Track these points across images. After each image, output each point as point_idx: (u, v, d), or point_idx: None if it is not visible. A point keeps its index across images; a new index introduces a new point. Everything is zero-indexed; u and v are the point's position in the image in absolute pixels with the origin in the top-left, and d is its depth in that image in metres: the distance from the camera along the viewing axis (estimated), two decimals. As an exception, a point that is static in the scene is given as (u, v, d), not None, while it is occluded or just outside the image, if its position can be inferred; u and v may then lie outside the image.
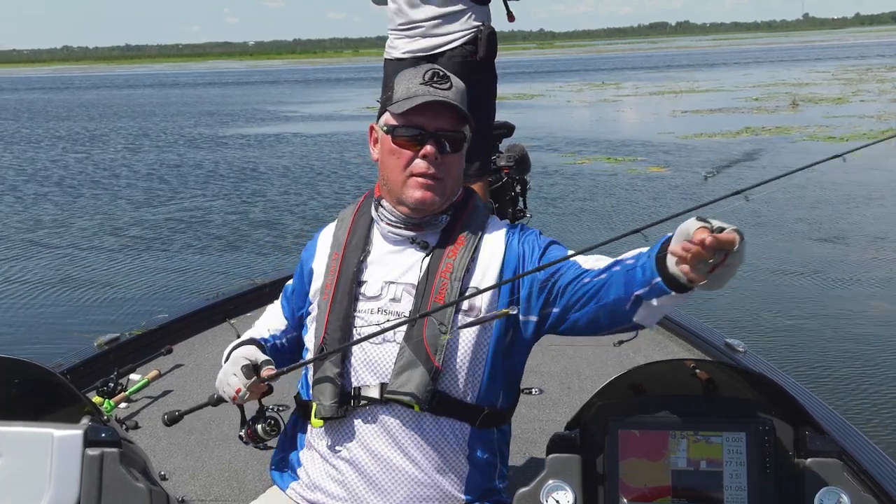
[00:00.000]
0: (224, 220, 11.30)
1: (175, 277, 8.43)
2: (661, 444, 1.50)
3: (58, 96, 47.64)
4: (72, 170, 16.48)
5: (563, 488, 1.49)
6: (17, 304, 7.67)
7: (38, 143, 22.05)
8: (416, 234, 1.85)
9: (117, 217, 11.70)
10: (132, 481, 1.46)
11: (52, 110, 35.81)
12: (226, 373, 1.81)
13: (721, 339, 3.78)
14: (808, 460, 1.48)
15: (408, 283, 1.82)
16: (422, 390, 1.73)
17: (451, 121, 1.81)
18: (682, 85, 35.92)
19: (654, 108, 26.30)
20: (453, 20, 3.71)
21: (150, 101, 40.65)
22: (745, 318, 6.46)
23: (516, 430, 2.87)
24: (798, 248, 8.68)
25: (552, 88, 37.50)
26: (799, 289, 7.25)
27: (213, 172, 15.73)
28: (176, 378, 3.78)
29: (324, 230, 2.01)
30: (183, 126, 25.86)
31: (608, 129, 20.84)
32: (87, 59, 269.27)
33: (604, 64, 65.05)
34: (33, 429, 1.47)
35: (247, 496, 2.69)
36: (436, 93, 1.79)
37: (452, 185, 1.85)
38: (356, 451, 1.78)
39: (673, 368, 1.58)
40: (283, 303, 2.06)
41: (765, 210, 10.18)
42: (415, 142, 1.80)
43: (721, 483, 1.49)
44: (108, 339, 3.87)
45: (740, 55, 70.00)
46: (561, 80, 44.61)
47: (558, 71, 55.12)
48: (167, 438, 3.19)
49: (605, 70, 53.73)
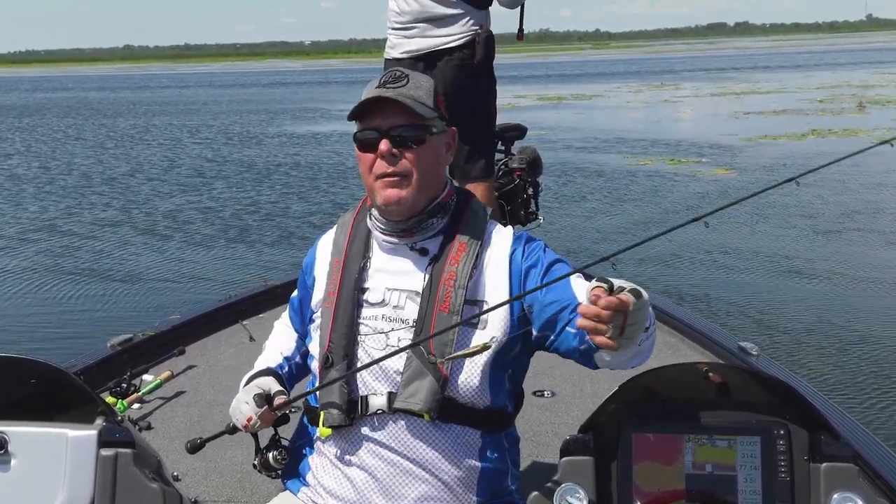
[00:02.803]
0: (263, 215, 11.48)
1: (189, 276, 8.47)
2: (675, 447, 1.50)
3: (113, 95, 47.91)
4: (82, 169, 16.54)
5: (577, 492, 1.48)
6: (31, 305, 7.72)
7: (64, 140, 22.28)
8: (410, 240, 1.83)
9: (133, 217, 11.73)
10: (146, 482, 1.47)
11: (104, 107, 36.23)
12: (238, 401, 1.82)
13: (734, 343, 3.75)
14: (823, 465, 1.47)
15: (410, 289, 1.81)
16: (431, 400, 1.72)
17: (405, 116, 1.77)
18: (743, 86, 35.13)
19: (715, 109, 25.81)
20: (451, 23, 3.74)
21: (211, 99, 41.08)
22: (759, 322, 6.42)
23: (528, 433, 2.86)
24: (814, 249, 8.63)
25: (610, 89, 37.11)
26: (812, 292, 7.21)
27: (250, 169, 15.81)
28: (189, 379, 3.79)
29: (323, 237, 2.00)
30: (227, 124, 26.09)
31: (669, 130, 20.46)
32: (147, 58, 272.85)
33: (661, 65, 64.17)
34: (48, 429, 1.48)
35: (259, 498, 2.70)
36: (384, 91, 1.76)
37: (423, 179, 1.80)
38: (365, 459, 1.78)
39: (686, 372, 1.57)
40: (292, 315, 2.06)
41: (778, 209, 10.15)
42: (372, 144, 1.78)
43: (735, 487, 1.48)
44: (122, 340, 3.87)
45: (802, 56, 68.27)
46: (618, 80, 44.06)
47: (615, 73, 54.22)
48: (180, 439, 3.20)
49: (664, 71, 52.83)
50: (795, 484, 1.48)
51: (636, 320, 1.45)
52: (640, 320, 1.46)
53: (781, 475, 1.48)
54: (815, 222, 9.81)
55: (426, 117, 1.79)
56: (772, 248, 8.71)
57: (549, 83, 44.31)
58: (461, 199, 1.90)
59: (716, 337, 3.92)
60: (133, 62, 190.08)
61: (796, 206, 10.36)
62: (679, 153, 16.11)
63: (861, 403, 4.95)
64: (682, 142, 17.87)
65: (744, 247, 8.77)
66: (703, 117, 23.96)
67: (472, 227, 1.85)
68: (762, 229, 9.47)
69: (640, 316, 1.46)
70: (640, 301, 1.45)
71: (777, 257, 8.34)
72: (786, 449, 1.48)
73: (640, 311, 1.45)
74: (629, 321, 1.44)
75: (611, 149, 17.13)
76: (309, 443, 1.89)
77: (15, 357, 1.55)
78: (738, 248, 8.75)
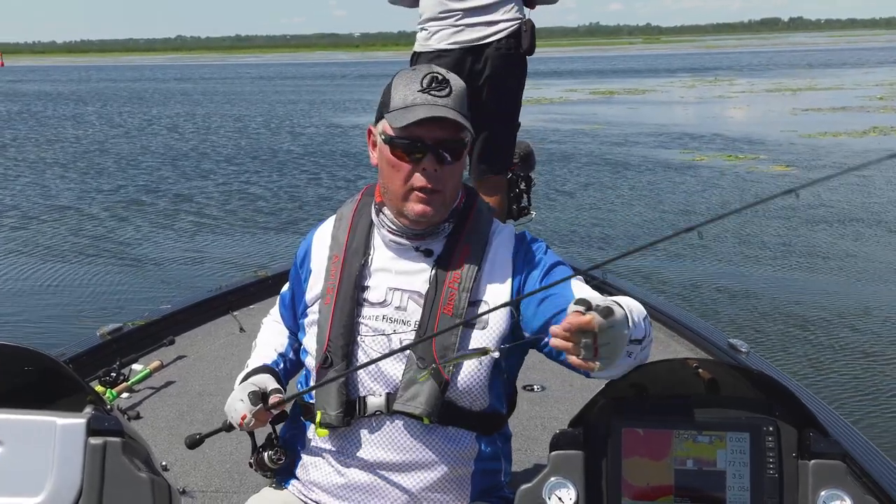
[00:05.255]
0: (271, 202, 11.57)
1: (180, 266, 8.44)
2: (664, 443, 1.50)
3: (164, 86, 47.65)
4: (88, 156, 16.50)
5: (566, 485, 1.49)
6: (20, 294, 7.68)
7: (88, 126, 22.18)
8: (419, 242, 1.80)
9: (128, 206, 11.67)
10: (134, 471, 1.46)
11: (148, 96, 36.35)
12: (233, 398, 1.79)
13: (724, 340, 3.77)
14: (812, 462, 1.47)
15: (413, 290, 1.79)
16: (431, 403, 1.71)
17: (450, 130, 1.72)
18: (799, 82, 34.39)
19: (771, 105, 25.22)
20: (497, 9, 3.63)
21: (256, 89, 41.06)
22: (748, 319, 6.44)
23: (518, 427, 2.86)
24: (806, 247, 8.66)
25: (663, 84, 36.60)
26: (802, 290, 7.24)
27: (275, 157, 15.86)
28: (178, 369, 3.79)
29: (318, 229, 1.95)
30: (260, 114, 26.07)
31: (724, 126, 19.94)
32: (199, 48, 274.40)
33: (713, 60, 63.12)
34: (36, 417, 1.47)
35: (248, 488, 2.70)
36: (434, 101, 1.70)
37: (452, 193, 1.79)
38: (360, 459, 1.77)
39: (676, 368, 1.58)
40: (283, 311, 2.02)
41: (772, 209, 10.16)
42: (414, 155, 1.72)
43: (724, 483, 1.49)
44: (111, 329, 3.87)
45: (859, 53, 66.68)
46: (670, 75, 43.48)
47: (667, 68, 53.17)
48: (169, 429, 3.19)
49: (716, 67, 51.81)
50: (784, 480, 1.49)
51: (608, 340, 1.39)
52: (615, 340, 1.40)
53: (770, 471, 1.48)
54: (808, 221, 9.83)
55: (467, 129, 1.74)
56: (763, 246, 8.74)
57: (602, 77, 43.80)
58: (468, 198, 1.87)
59: (706, 334, 3.94)
60: (185, 52, 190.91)
61: (790, 207, 10.36)
62: (735, 149, 15.79)
63: (850, 401, 4.97)
64: (738, 138, 17.46)
65: (735, 245, 8.80)
66: (759, 113, 23.32)
67: (477, 228, 1.83)
68: (754, 228, 9.49)
69: (613, 335, 1.39)
70: (611, 320, 1.39)
71: (768, 256, 8.37)
72: (774, 445, 1.49)
73: (611, 331, 1.39)
74: (600, 341, 1.38)
75: (666, 144, 16.85)
76: (301, 439, 1.88)
77: (3, 345, 1.54)
78: (729, 246, 8.77)
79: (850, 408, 4.82)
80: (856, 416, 4.59)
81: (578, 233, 9.53)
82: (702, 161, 14.66)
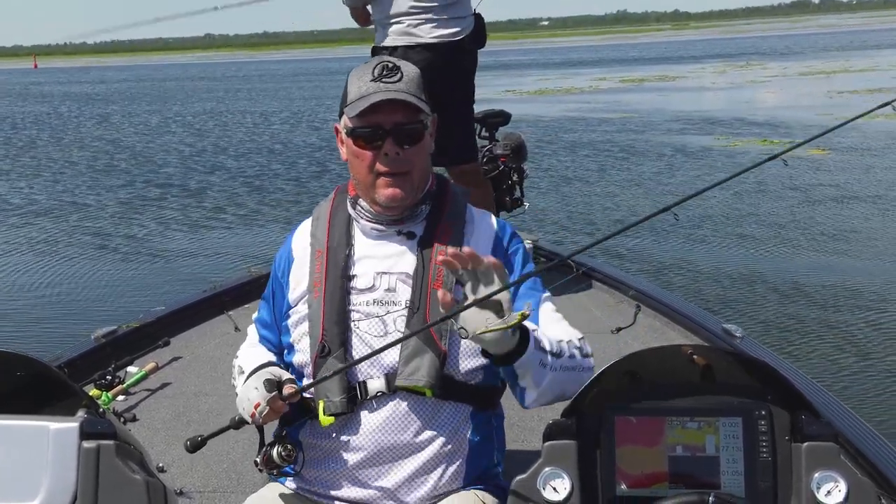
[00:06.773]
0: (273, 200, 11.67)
1: (175, 268, 8.42)
2: (657, 430, 1.50)
3: (191, 84, 47.80)
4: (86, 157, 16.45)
5: (560, 475, 1.49)
6: (13, 298, 7.66)
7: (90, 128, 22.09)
8: (399, 226, 1.86)
9: (123, 207, 11.65)
10: (129, 473, 1.46)
11: (169, 95, 36.52)
12: (248, 387, 1.77)
13: (718, 325, 3.78)
14: (805, 444, 1.48)
15: (401, 272, 1.83)
16: (433, 376, 1.75)
17: (406, 113, 1.78)
18: (832, 65, 34.01)
19: (806, 89, 24.91)
20: (465, 7, 3.91)
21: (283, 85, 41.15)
22: (743, 304, 6.46)
23: (513, 418, 2.86)
24: (801, 232, 8.67)
25: (693, 70, 36.31)
26: (797, 274, 7.25)
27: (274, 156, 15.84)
28: (174, 370, 3.78)
29: (297, 230, 1.99)
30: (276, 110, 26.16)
31: (758, 110, 19.78)
32: (228, 46, 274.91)
33: (744, 45, 62.55)
34: (29, 422, 1.47)
35: (245, 488, 2.70)
36: (387, 88, 1.77)
37: (420, 175, 1.84)
38: (362, 442, 1.79)
39: (670, 355, 1.58)
40: (265, 333, 2.00)
41: (762, 192, 10.16)
42: (375, 142, 1.78)
43: (718, 468, 1.49)
44: (105, 332, 3.86)
45: (893, 34, 64.77)
46: (701, 61, 43.02)
47: (697, 55, 52.68)
48: (165, 431, 3.19)
49: (747, 52, 51.39)
50: (777, 464, 1.49)
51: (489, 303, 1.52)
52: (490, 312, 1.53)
53: (763, 455, 1.49)
54: (803, 204, 9.84)
55: (424, 111, 1.81)
56: (758, 230, 8.75)
57: (632, 65, 43.60)
58: (440, 183, 1.94)
59: (700, 319, 3.95)
60: (214, 50, 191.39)
61: (784, 189, 10.36)
62: (771, 134, 15.68)
63: (844, 383, 4.99)
64: (773, 122, 17.34)
65: (728, 228, 8.81)
66: (793, 97, 23.14)
67: (455, 209, 1.90)
68: (746, 211, 9.51)
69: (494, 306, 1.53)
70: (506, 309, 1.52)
71: (763, 240, 8.38)
72: (767, 429, 1.49)
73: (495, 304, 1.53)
74: (477, 288, 1.54)
75: (700, 130, 16.76)
76: (296, 435, 1.88)
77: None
78: (722, 229, 8.79)
79: (845, 390, 4.83)
80: (850, 398, 4.61)
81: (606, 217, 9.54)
82: (736, 147, 14.56)
